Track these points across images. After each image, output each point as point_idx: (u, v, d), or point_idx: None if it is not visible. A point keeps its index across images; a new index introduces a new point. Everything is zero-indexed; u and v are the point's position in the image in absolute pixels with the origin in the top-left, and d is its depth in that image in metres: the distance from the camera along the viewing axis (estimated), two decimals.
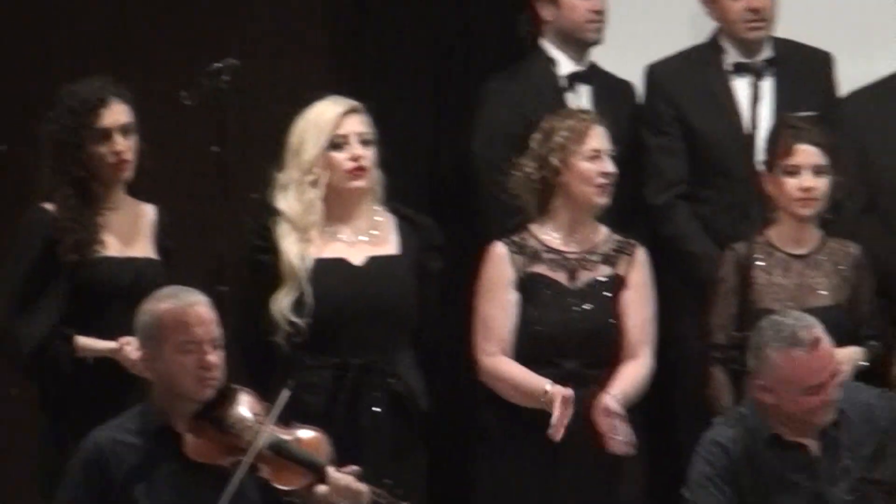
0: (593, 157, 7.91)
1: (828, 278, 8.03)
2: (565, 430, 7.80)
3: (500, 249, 7.86)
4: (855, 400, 7.19)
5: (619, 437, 7.79)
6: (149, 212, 7.76)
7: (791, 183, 7.89)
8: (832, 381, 7.06)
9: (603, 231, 8.05)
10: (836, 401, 7.09)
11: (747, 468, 7.10)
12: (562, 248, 7.92)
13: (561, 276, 7.91)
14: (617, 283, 7.94)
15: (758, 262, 7.98)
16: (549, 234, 7.94)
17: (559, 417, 7.70)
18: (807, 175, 7.92)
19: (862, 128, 8.50)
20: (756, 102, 8.30)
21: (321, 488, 6.78)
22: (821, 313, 7.59)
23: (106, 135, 7.65)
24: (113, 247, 7.67)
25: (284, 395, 6.95)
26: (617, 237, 8.06)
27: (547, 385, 7.76)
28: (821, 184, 7.99)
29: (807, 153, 7.99)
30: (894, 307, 8.20)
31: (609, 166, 7.95)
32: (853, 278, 8.04)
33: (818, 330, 7.08)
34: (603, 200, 7.94)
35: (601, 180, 7.92)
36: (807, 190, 7.92)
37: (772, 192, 7.99)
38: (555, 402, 7.73)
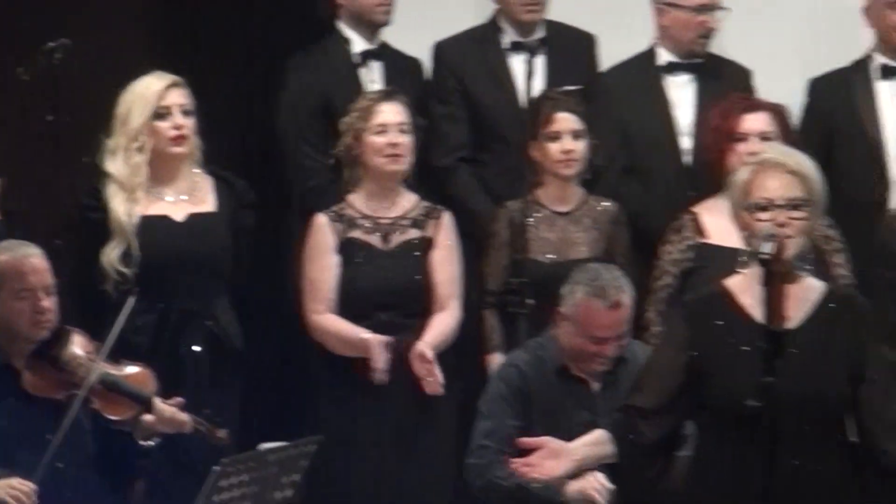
0: (380, 132, 8.20)
1: (587, 233, 8.38)
2: (387, 374, 8.08)
3: (321, 219, 8.22)
4: (637, 352, 7.48)
5: (432, 379, 8.03)
6: None
7: (553, 147, 8.22)
8: (615, 341, 7.48)
9: (412, 198, 8.40)
10: (611, 358, 7.50)
11: (537, 391, 7.44)
12: (374, 214, 8.26)
13: (374, 240, 8.25)
14: (425, 244, 8.28)
15: (527, 219, 8.25)
16: (363, 203, 8.27)
17: (378, 362, 7.98)
18: (567, 139, 8.25)
19: (619, 99, 8.82)
20: (530, 77, 8.47)
21: (148, 417, 7.18)
22: (581, 264, 7.93)
23: None
24: None
25: (130, 301, 7.24)
26: (426, 203, 8.39)
27: (363, 334, 8.12)
28: (579, 147, 8.33)
29: (565, 120, 8.32)
30: (651, 258, 8.39)
31: (396, 138, 8.24)
32: (609, 233, 8.38)
33: (626, 296, 7.51)
34: (396, 167, 8.26)
35: (390, 150, 8.21)
36: (567, 152, 8.26)
37: (537, 156, 8.24)
38: (372, 349, 8.03)
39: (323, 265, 8.18)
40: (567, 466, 6.45)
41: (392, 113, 8.21)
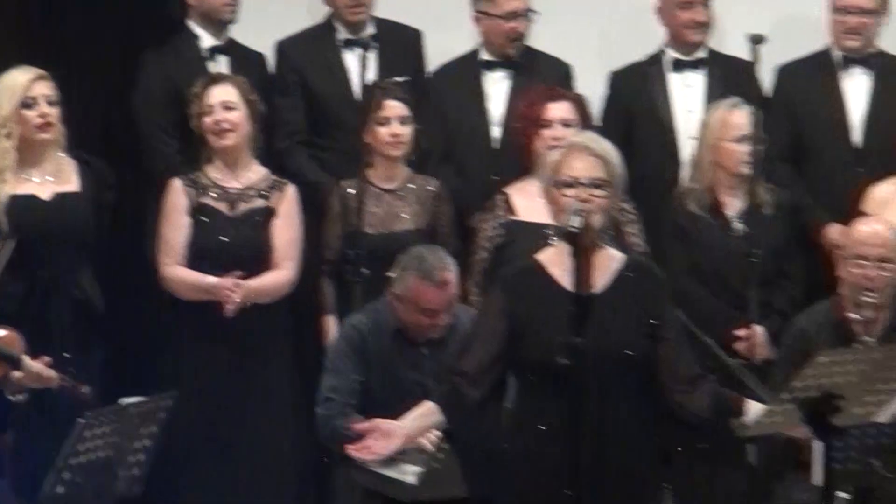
0: (209, 112, 8.16)
1: (411, 207, 8.41)
2: (236, 308, 8.07)
3: (175, 183, 8.21)
4: (462, 316, 7.59)
5: (231, 306, 8.04)
6: None
7: (382, 131, 8.25)
8: (444, 312, 7.60)
9: (261, 171, 8.35)
10: (443, 325, 7.63)
11: (374, 350, 7.54)
12: (224, 184, 8.23)
13: (223, 206, 8.22)
14: (268, 213, 8.24)
15: (357, 195, 8.25)
16: (216, 174, 8.24)
17: (226, 297, 8.01)
18: (395, 124, 8.29)
19: (443, 92, 8.89)
20: (364, 70, 8.45)
21: (17, 374, 7.20)
22: (406, 235, 8.20)
23: None
24: None
25: (10, 244, 7.52)
26: (274, 177, 8.34)
27: (211, 279, 8.12)
28: (406, 131, 8.37)
29: (394, 107, 8.34)
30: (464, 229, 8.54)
31: (220, 114, 8.16)
32: (432, 209, 8.44)
33: (450, 273, 7.61)
34: (224, 143, 8.21)
35: (216, 127, 8.15)
36: (395, 136, 8.30)
37: (369, 140, 8.27)
38: (221, 289, 8.03)
39: (175, 224, 8.16)
40: (398, 443, 6.41)
41: (217, 94, 8.16)
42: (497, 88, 8.86)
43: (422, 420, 6.34)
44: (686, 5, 8.72)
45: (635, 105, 8.84)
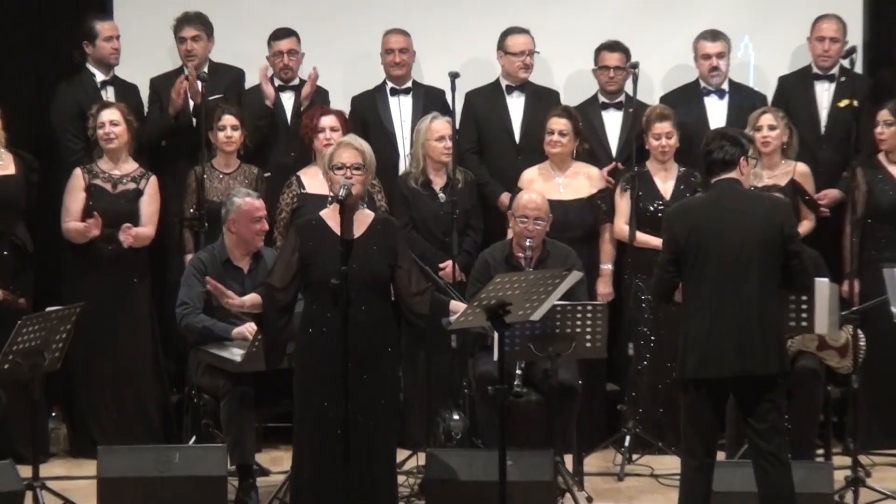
0: (101, 126, 7.82)
1: (242, 185, 7.93)
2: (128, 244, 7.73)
3: (77, 170, 7.91)
4: (266, 254, 7.33)
5: (126, 242, 7.72)
6: None
7: (221, 135, 7.94)
8: (265, 218, 7.35)
9: (134, 165, 7.94)
10: (265, 231, 7.40)
11: (211, 272, 7.08)
12: (110, 172, 7.89)
13: (108, 187, 7.88)
14: (138, 193, 7.87)
15: (206, 176, 7.91)
16: (104, 165, 7.89)
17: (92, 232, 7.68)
18: (228, 130, 7.95)
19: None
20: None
21: None
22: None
23: None
24: None
25: None
26: (142, 169, 7.94)
27: (81, 225, 7.76)
28: (236, 135, 7.98)
29: (227, 119, 7.98)
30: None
31: (108, 129, 7.81)
32: (255, 183, 7.98)
33: (261, 200, 7.39)
34: (109, 146, 7.84)
35: (105, 137, 7.81)
36: (228, 138, 7.95)
37: (213, 140, 7.95)
38: (90, 230, 7.69)
39: (75, 197, 7.88)
40: (239, 304, 6.22)
41: (106, 115, 7.85)
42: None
43: (252, 300, 6.18)
44: (389, 52, 8.36)
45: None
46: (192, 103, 8.19)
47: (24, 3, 8.68)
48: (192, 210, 7.96)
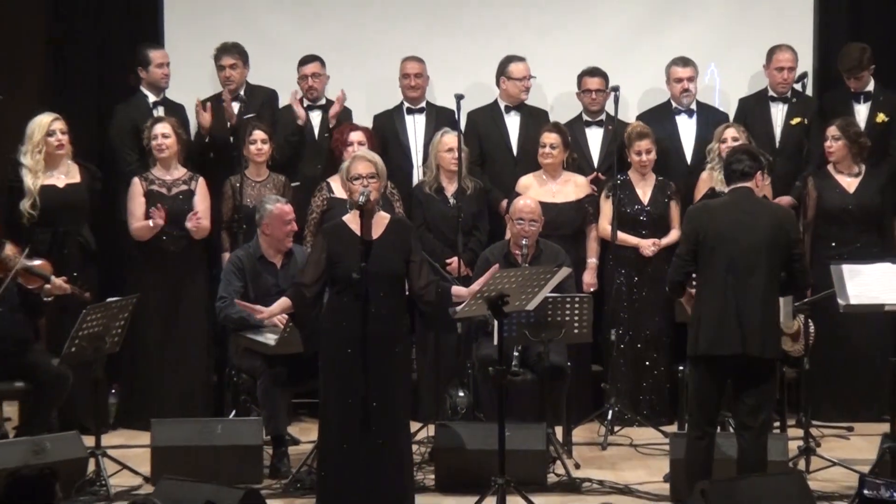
0: (154, 139, 7.78)
1: (271, 192, 7.82)
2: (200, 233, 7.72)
3: (136, 179, 7.82)
4: (297, 252, 7.30)
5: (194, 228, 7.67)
6: None
7: (252, 148, 7.84)
8: (294, 221, 7.29)
9: (183, 170, 7.88)
10: (294, 231, 7.35)
11: (248, 268, 7.21)
12: (163, 178, 7.82)
13: (164, 190, 7.80)
14: (191, 193, 7.81)
15: (238, 185, 7.79)
16: (158, 173, 7.80)
17: (156, 221, 7.66)
18: (259, 143, 7.86)
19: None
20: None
21: (48, 286, 7.05)
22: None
23: None
24: None
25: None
26: (191, 173, 7.87)
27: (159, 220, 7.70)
28: (265, 147, 7.87)
29: (258, 135, 7.89)
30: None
31: (160, 140, 7.76)
32: (283, 189, 7.87)
33: (290, 206, 7.33)
34: (161, 156, 7.77)
35: (158, 147, 7.80)
36: (259, 150, 7.86)
37: (246, 153, 7.85)
38: (155, 220, 7.65)
39: (137, 202, 7.80)
40: (267, 315, 6.34)
41: (158, 129, 7.81)
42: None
43: (281, 305, 6.23)
44: (406, 76, 8.28)
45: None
46: (228, 123, 8.14)
47: (88, 34, 8.64)
48: (230, 214, 7.91)
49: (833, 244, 7.83)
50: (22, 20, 8.62)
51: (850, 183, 7.91)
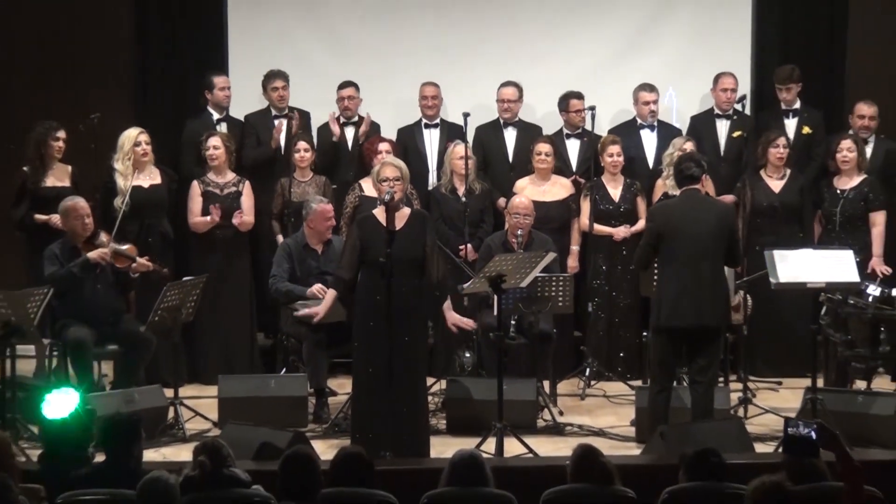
0: (208, 150, 7.61)
1: (314, 190, 7.69)
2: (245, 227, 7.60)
3: (195, 182, 7.64)
4: (335, 241, 7.12)
5: (236, 221, 7.49)
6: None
7: (297, 156, 7.68)
8: (332, 217, 7.19)
9: (233, 175, 7.69)
10: (332, 226, 7.20)
11: (295, 254, 7.10)
12: (217, 181, 7.65)
13: (217, 192, 7.63)
14: (239, 194, 7.62)
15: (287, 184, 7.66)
16: (212, 177, 7.64)
17: (213, 217, 7.49)
18: (301, 152, 7.69)
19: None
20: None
21: (135, 265, 6.98)
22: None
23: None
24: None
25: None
26: (239, 177, 7.66)
27: (201, 217, 7.57)
28: (308, 155, 7.69)
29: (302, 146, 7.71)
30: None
31: (212, 151, 7.56)
32: (325, 189, 7.70)
33: (329, 204, 7.19)
34: (214, 164, 7.58)
35: (214, 155, 7.58)
36: (302, 158, 7.65)
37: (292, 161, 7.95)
38: (213, 214, 7.49)
39: (195, 201, 7.62)
40: (322, 310, 6.40)
41: (211, 141, 7.63)
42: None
43: (331, 298, 6.29)
44: (424, 98, 8.13)
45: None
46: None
47: (167, 63, 8.53)
48: (281, 208, 7.79)
49: (764, 232, 7.68)
50: (115, 53, 8.52)
51: (777, 185, 7.78)
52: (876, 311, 6.43)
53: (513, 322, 7.03)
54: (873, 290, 6.49)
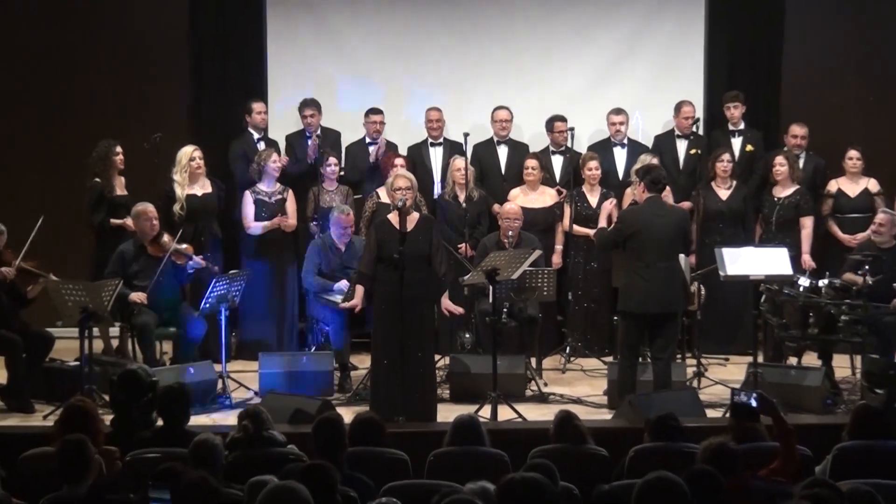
0: (257, 161, 7.46)
1: (339, 198, 7.59)
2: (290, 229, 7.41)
3: (247, 192, 7.50)
4: (357, 241, 6.95)
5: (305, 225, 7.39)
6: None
7: (328, 169, 7.63)
8: (353, 224, 7.02)
9: (279, 185, 7.53)
10: (352, 231, 7.06)
11: (322, 251, 6.98)
12: (267, 190, 7.53)
13: (266, 199, 7.47)
14: (284, 201, 7.47)
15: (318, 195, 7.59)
16: (262, 187, 7.50)
17: (287, 222, 7.39)
18: (332, 167, 7.58)
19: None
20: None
21: (192, 262, 6.89)
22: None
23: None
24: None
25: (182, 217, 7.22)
26: (283, 186, 7.53)
27: (262, 223, 7.40)
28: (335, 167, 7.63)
29: (332, 162, 7.60)
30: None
31: (267, 165, 7.41)
32: (347, 198, 7.59)
33: (351, 212, 7.03)
34: (273, 175, 7.46)
35: (272, 171, 7.44)
36: (332, 170, 7.57)
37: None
38: (281, 221, 7.36)
39: (249, 208, 7.48)
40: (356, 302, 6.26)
41: (273, 156, 7.50)
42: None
43: (359, 293, 6.19)
44: (430, 121, 7.97)
45: (417, 161, 7.93)
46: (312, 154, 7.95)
47: (216, 91, 8.46)
48: (312, 213, 7.68)
49: (714, 234, 7.62)
50: (175, 83, 8.48)
51: (724, 193, 7.74)
52: (805, 299, 6.44)
53: (505, 308, 6.96)
54: (804, 282, 6.50)
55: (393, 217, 6.10)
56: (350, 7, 8.37)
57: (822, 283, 6.47)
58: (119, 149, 7.36)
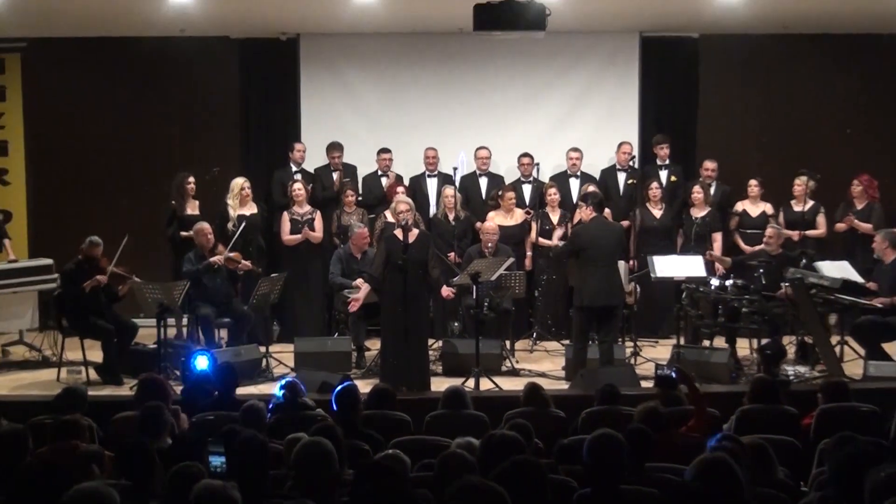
0: (294, 192, 7.33)
1: (357, 218, 7.50)
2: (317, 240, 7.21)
3: (284, 213, 7.37)
4: (370, 251, 6.82)
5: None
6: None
7: (350, 193, 7.59)
8: (369, 236, 6.90)
9: (309, 207, 7.36)
10: (368, 243, 6.93)
11: (344, 259, 6.87)
12: (300, 211, 7.34)
13: (298, 217, 7.35)
14: (314, 220, 7.33)
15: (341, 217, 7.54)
16: (296, 209, 7.30)
17: (312, 236, 7.21)
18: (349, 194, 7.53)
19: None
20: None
21: (240, 266, 6.78)
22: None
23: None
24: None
25: (240, 229, 6.96)
26: (312, 208, 7.36)
27: (295, 236, 7.26)
28: (352, 197, 7.51)
29: (350, 193, 7.52)
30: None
31: (296, 192, 7.25)
32: (368, 220, 7.51)
33: (366, 229, 6.96)
34: (298, 200, 7.26)
35: (296, 197, 7.34)
36: (349, 200, 7.48)
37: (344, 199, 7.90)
38: (301, 238, 7.21)
39: (286, 227, 7.36)
40: (362, 296, 6.23)
41: (296, 187, 7.35)
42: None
43: (365, 289, 6.17)
44: (427, 157, 7.82)
45: (416, 190, 7.79)
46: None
47: (262, 132, 8.35)
48: (335, 230, 7.62)
49: (648, 245, 7.53)
50: (229, 126, 8.43)
51: (657, 213, 7.75)
52: (716, 295, 6.46)
53: (486, 303, 6.90)
54: (714, 282, 6.55)
55: (398, 232, 6.08)
56: (365, 71, 8.36)
57: (729, 283, 6.50)
58: (192, 179, 7.33)
